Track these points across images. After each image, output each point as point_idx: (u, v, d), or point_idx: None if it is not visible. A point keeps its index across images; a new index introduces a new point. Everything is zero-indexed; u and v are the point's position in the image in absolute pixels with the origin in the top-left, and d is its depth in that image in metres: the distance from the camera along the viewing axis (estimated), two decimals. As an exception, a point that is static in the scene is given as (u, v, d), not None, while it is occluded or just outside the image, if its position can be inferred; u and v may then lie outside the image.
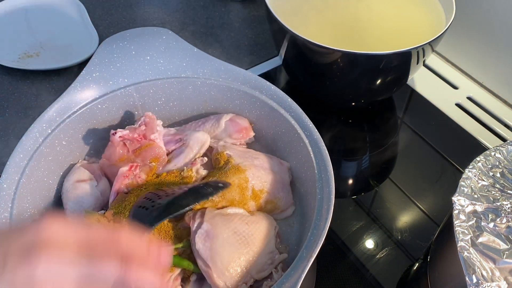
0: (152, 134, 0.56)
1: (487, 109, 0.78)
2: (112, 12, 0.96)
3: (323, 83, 0.68)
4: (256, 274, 0.47)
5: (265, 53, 0.88)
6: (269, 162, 0.57)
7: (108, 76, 0.58)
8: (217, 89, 0.61)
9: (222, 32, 0.93)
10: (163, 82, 0.60)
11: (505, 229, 0.43)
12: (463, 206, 0.44)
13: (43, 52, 0.84)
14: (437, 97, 0.79)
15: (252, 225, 0.49)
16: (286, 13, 0.68)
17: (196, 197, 0.46)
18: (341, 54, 0.58)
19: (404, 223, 0.63)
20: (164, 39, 0.61)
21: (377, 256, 0.59)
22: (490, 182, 0.47)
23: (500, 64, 0.78)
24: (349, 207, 0.65)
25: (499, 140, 0.73)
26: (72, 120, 0.55)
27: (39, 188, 0.52)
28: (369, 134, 0.76)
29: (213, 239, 0.47)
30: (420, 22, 0.69)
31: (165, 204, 0.44)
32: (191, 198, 0.46)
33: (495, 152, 0.49)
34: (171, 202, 0.44)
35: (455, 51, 0.85)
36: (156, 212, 0.43)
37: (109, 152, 0.56)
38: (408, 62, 0.63)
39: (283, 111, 0.56)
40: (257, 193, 0.53)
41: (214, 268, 0.45)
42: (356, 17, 0.69)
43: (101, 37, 0.87)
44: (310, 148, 0.52)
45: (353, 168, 0.72)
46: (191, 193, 0.47)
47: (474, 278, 0.39)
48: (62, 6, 0.92)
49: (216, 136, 0.60)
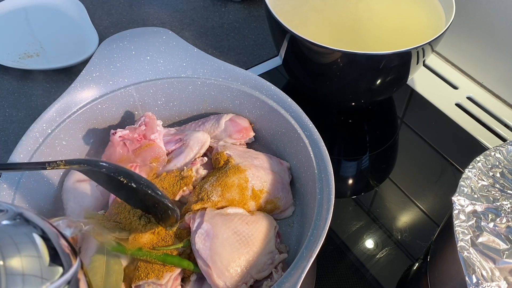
0: (152, 134, 0.56)
1: (487, 109, 0.78)
2: (112, 12, 0.96)
3: (323, 83, 0.68)
4: (256, 274, 0.47)
5: (265, 53, 0.88)
6: (269, 162, 0.57)
7: (108, 76, 0.58)
8: (217, 89, 0.61)
9: (222, 32, 0.93)
10: (163, 82, 0.60)
11: (505, 229, 0.43)
12: (463, 206, 0.44)
13: (43, 52, 0.84)
14: (437, 97, 0.79)
15: (252, 225, 0.50)
16: (286, 13, 0.68)
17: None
18: (341, 54, 0.58)
19: (404, 223, 0.63)
20: (164, 39, 0.61)
21: (377, 256, 0.59)
22: (490, 182, 0.47)
23: (500, 64, 0.78)
24: (349, 207, 0.65)
25: (499, 140, 0.73)
26: (72, 120, 0.55)
27: (39, 188, 0.52)
28: (369, 134, 0.76)
29: (213, 239, 0.47)
30: (420, 22, 0.69)
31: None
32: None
33: (495, 152, 0.49)
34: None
35: (455, 51, 0.85)
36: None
37: (109, 152, 0.56)
38: (408, 62, 0.63)
39: (283, 111, 0.56)
40: (257, 193, 0.53)
41: (214, 268, 0.45)
42: (356, 17, 0.69)
43: (101, 37, 0.87)
44: (310, 148, 0.52)
45: (353, 168, 0.72)
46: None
47: (474, 278, 0.39)
48: (62, 6, 0.92)
49: (216, 136, 0.60)
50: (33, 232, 0.29)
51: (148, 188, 0.44)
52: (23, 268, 0.27)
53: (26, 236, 0.28)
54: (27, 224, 0.30)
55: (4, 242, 0.27)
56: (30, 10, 0.92)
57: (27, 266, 0.27)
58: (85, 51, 0.82)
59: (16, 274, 0.26)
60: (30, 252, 0.28)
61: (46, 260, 0.28)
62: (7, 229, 0.28)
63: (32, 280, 0.27)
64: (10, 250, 0.27)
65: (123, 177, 0.44)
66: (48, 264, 0.28)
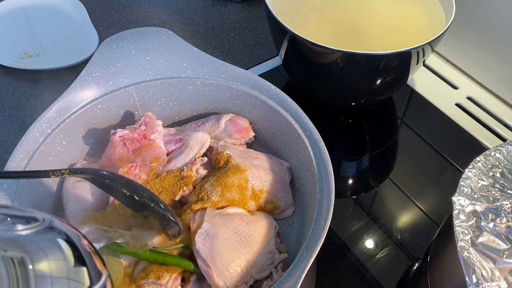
0: (152, 134, 0.56)
1: (487, 109, 0.78)
2: (112, 12, 0.96)
3: (323, 83, 0.68)
4: (256, 274, 0.47)
5: (265, 53, 0.88)
6: (269, 162, 0.57)
7: (108, 76, 0.58)
8: (217, 89, 0.61)
9: (222, 32, 0.93)
10: (163, 82, 0.60)
11: (505, 229, 0.43)
12: (463, 206, 0.44)
13: (43, 52, 0.84)
14: (437, 97, 0.79)
15: (252, 225, 0.50)
16: (286, 13, 0.68)
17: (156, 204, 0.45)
18: (341, 54, 0.58)
19: (404, 223, 0.63)
20: (164, 39, 0.61)
21: (377, 256, 0.59)
22: (490, 182, 0.47)
23: (500, 64, 0.78)
24: (349, 207, 0.65)
25: (499, 140, 0.73)
26: (72, 120, 0.55)
27: (39, 188, 0.52)
28: (369, 134, 0.76)
29: (213, 239, 0.47)
30: (420, 22, 0.69)
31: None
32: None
33: (495, 152, 0.49)
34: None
35: (455, 51, 0.85)
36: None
37: (109, 152, 0.56)
38: (408, 62, 0.63)
39: (283, 111, 0.56)
40: (257, 193, 0.53)
41: (214, 268, 0.45)
42: (356, 17, 0.69)
43: (101, 37, 0.87)
44: (310, 148, 0.52)
45: (353, 168, 0.72)
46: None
47: (474, 278, 0.39)
48: (62, 6, 0.92)
49: (216, 136, 0.60)
50: (63, 243, 0.29)
51: (151, 201, 0.45)
52: (53, 279, 0.27)
53: (57, 247, 0.28)
54: (58, 234, 0.29)
55: (36, 254, 0.27)
56: (30, 10, 0.92)
57: (58, 276, 0.27)
58: (85, 51, 0.82)
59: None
60: (60, 263, 0.28)
61: (77, 271, 0.28)
62: (39, 239, 0.28)
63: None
64: (42, 262, 0.27)
65: (126, 189, 0.44)
66: (80, 276, 0.28)
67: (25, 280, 0.25)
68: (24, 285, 0.25)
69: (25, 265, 0.26)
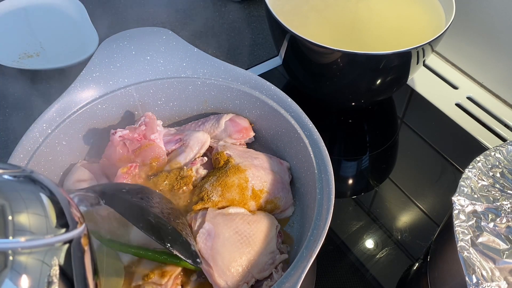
0: (152, 134, 0.56)
1: (487, 109, 0.78)
2: (112, 12, 0.96)
3: (323, 83, 0.68)
4: (257, 274, 0.47)
5: (265, 53, 0.89)
6: (269, 162, 0.57)
7: (108, 76, 0.58)
8: (217, 89, 0.61)
9: (222, 32, 0.93)
10: (163, 82, 0.60)
11: (505, 229, 0.43)
12: (463, 206, 0.44)
13: (43, 52, 0.84)
14: (437, 97, 0.79)
15: (254, 225, 0.50)
16: (286, 13, 0.68)
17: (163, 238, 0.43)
18: (341, 54, 0.58)
19: (404, 223, 0.63)
20: (164, 39, 0.61)
21: (377, 256, 0.59)
22: (490, 182, 0.47)
23: (500, 64, 0.78)
24: (349, 207, 0.65)
25: (499, 140, 0.74)
26: (72, 120, 0.55)
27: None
28: (369, 134, 0.76)
29: (214, 238, 0.47)
30: (420, 22, 0.69)
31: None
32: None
33: (495, 152, 0.49)
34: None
35: (455, 51, 0.85)
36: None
37: (109, 152, 0.56)
38: (408, 62, 0.63)
39: (283, 111, 0.56)
40: (257, 193, 0.53)
41: (216, 267, 0.45)
42: (356, 17, 0.69)
43: (101, 37, 0.87)
44: (310, 148, 0.52)
45: (353, 168, 0.72)
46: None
47: (474, 278, 0.39)
48: (62, 6, 0.92)
49: (216, 136, 0.60)
50: (40, 191, 0.30)
51: (173, 247, 0.43)
52: (29, 220, 0.28)
53: (32, 193, 0.30)
54: (37, 179, 0.31)
55: (13, 196, 0.29)
56: (30, 10, 0.92)
57: (33, 219, 0.29)
58: (85, 51, 0.82)
59: (22, 219, 0.28)
60: (37, 207, 0.29)
61: (52, 217, 0.30)
62: (17, 185, 0.30)
63: (36, 226, 0.28)
64: (19, 203, 0.29)
65: (150, 234, 0.42)
66: (54, 220, 0.30)
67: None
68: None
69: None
